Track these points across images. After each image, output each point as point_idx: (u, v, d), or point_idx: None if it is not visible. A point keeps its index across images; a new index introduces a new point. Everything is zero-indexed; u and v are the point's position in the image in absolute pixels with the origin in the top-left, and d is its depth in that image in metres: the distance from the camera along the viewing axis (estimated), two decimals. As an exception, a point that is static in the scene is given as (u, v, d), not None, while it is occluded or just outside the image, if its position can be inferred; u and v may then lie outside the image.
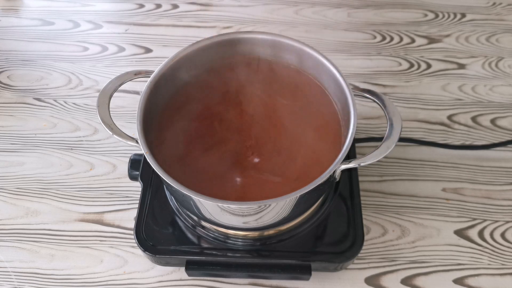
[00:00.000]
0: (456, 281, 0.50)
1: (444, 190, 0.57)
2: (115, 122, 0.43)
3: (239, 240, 0.47)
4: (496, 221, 0.54)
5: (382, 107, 0.44)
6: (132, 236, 0.52)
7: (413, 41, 0.73)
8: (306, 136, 0.45)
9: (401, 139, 0.58)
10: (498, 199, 0.56)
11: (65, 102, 0.66)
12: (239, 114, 0.47)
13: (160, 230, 0.48)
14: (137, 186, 0.52)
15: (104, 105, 0.44)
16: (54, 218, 0.55)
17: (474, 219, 0.55)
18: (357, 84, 0.67)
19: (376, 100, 0.45)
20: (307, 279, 0.48)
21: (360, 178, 0.53)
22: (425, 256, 0.52)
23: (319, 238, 0.48)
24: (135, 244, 0.48)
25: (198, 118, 0.47)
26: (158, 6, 0.78)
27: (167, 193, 0.51)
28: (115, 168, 0.59)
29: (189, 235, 0.48)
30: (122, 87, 0.48)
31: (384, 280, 0.51)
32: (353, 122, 0.42)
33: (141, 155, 0.52)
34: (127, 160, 0.53)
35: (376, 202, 0.56)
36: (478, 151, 0.60)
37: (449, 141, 0.61)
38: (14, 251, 0.53)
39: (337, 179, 0.46)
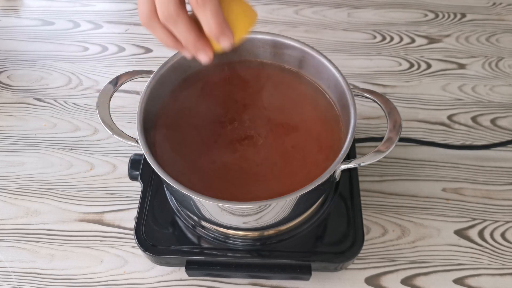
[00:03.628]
0: (456, 281, 0.50)
1: (444, 190, 0.57)
2: (115, 122, 0.43)
3: (239, 240, 0.47)
4: (496, 221, 0.54)
5: (382, 107, 0.44)
6: (132, 236, 0.52)
7: (413, 41, 0.73)
8: (306, 136, 0.45)
9: (401, 139, 0.58)
10: (498, 199, 0.56)
11: (65, 102, 0.66)
12: (239, 114, 0.47)
13: (160, 230, 0.48)
14: (137, 186, 0.52)
15: (104, 105, 0.44)
16: (54, 218, 0.55)
17: (474, 219, 0.55)
18: (357, 84, 0.67)
19: (376, 100, 0.45)
20: (307, 279, 0.48)
21: (360, 178, 0.53)
22: (425, 256, 0.52)
23: (319, 238, 0.48)
24: (135, 244, 0.48)
25: (198, 118, 0.47)
26: (158, 6, 0.78)
27: (167, 193, 0.51)
28: (115, 168, 0.59)
29: (189, 235, 0.48)
30: (122, 87, 0.48)
31: (384, 280, 0.51)
32: (353, 122, 0.42)
33: (141, 155, 0.52)
34: (127, 160, 0.53)
35: (376, 202, 0.56)
36: (478, 151, 0.60)
37: (449, 141, 0.61)
38: (14, 251, 0.53)
39: (337, 179, 0.46)
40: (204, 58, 0.37)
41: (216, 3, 0.33)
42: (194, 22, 0.35)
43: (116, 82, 0.46)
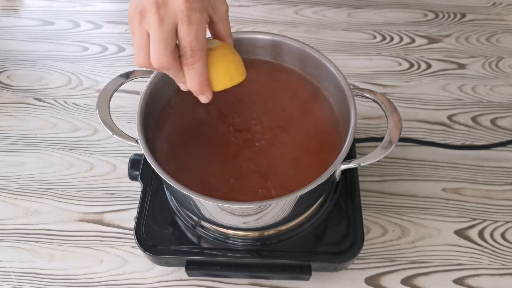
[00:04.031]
0: (456, 281, 0.50)
1: (444, 190, 0.57)
2: (115, 122, 0.43)
3: (239, 240, 0.47)
4: (496, 221, 0.54)
5: (382, 107, 0.44)
6: (132, 236, 0.52)
7: (413, 41, 0.73)
8: (306, 136, 0.45)
9: (401, 139, 0.58)
10: (498, 199, 0.56)
11: (65, 102, 0.66)
12: (239, 114, 0.47)
13: (160, 230, 0.48)
14: (137, 186, 0.52)
15: (104, 105, 0.44)
16: (54, 218, 0.55)
17: (474, 219, 0.55)
18: (357, 84, 0.67)
19: (376, 100, 0.45)
20: (307, 279, 0.48)
21: (360, 178, 0.53)
22: (425, 256, 0.52)
23: (319, 238, 0.48)
24: (135, 244, 0.48)
25: (198, 118, 0.47)
26: (158, 6, 0.78)
27: (167, 193, 0.51)
28: (115, 168, 0.59)
29: (189, 235, 0.48)
30: (122, 87, 0.48)
31: (384, 280, 0.51)
32: (353, 122, 0.42)
33: (141, 155, 0.52)
34: (127, 160, 0.53)
35: (376, 202, 0.56)
36: (478, 151, 0.60)
37: (449, 141, 0.61)
38: (14, 251, 0.53)
39: (337, 179, 0.46)
40: (184, 89, 0.39)
41: (204, 66, 0.36)
42: None
43: (116, 82, 0.46)
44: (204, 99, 0.39)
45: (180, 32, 0.34)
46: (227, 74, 0.38)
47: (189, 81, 0.37)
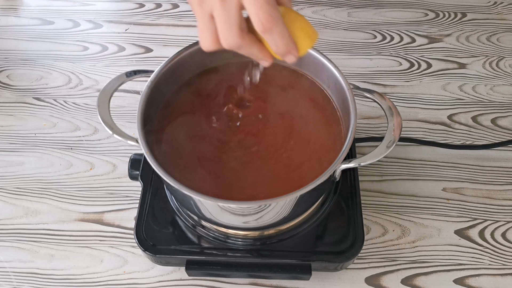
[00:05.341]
0: (457, 281, 0.50)
1: (444, 190, 0.57)
2: (115, 122, 0.43)
3: (239, 239, 0.47)
4: (497, 221, 0.54)
5: (382, 107, 0.44)
6: (132, 236, 0.52)
7: (413, 40, 0.73)
8: (306, 136, 0.45)
9: (401, 139, 0.58)
10: (499, 199, 0.56)
11: (65, 102, 0.66)
12: (239, 114, 0.47)
13: (160, 230, 0.48)
14: (137, 186, 0.52)
15: (104, 104, 0.44)
16: (54, 218, 0.55)
17: (475, 219, 0.55)
18: (357, 84, 0.67)
19: (376, 100, 0.45)
20: (307, 279, 0.48)
21: (360, 178, 0.53)
22: (426, 256, 0.52)
23: (319, 238, 0.48)
24: (135, 244, 0.48)
25: (198, 117, 0.47)
26: (158, 5, 0.78)
27: (167, 192, 0.50)
28: (115, 168, 0.59)
29: (189, 235, 0.48)
30: (122, 87, 0.47)
31: (384, 280, 0.51)
32: (353, 122, 0.42)
33: (141, 155, 0.52)
34: (127, 159, 0.53)
35: (376, 202, 0.56)
36: (478, 151, 0.60)
37: (450, 141, 0.61)
38: (13, 251, 0.53)
39: (337, 179, 0.46)
40: (265, 64, 0.38)
41: (282, 25, 0.34)
42: (253, 34, 0.36)
43: (116, 82, 0.46)
44: (291, 59, 0.37)
45: (245, 2, 0.32)
46: (306, 35, 0.37)
47: (274, 46, 0.35)
